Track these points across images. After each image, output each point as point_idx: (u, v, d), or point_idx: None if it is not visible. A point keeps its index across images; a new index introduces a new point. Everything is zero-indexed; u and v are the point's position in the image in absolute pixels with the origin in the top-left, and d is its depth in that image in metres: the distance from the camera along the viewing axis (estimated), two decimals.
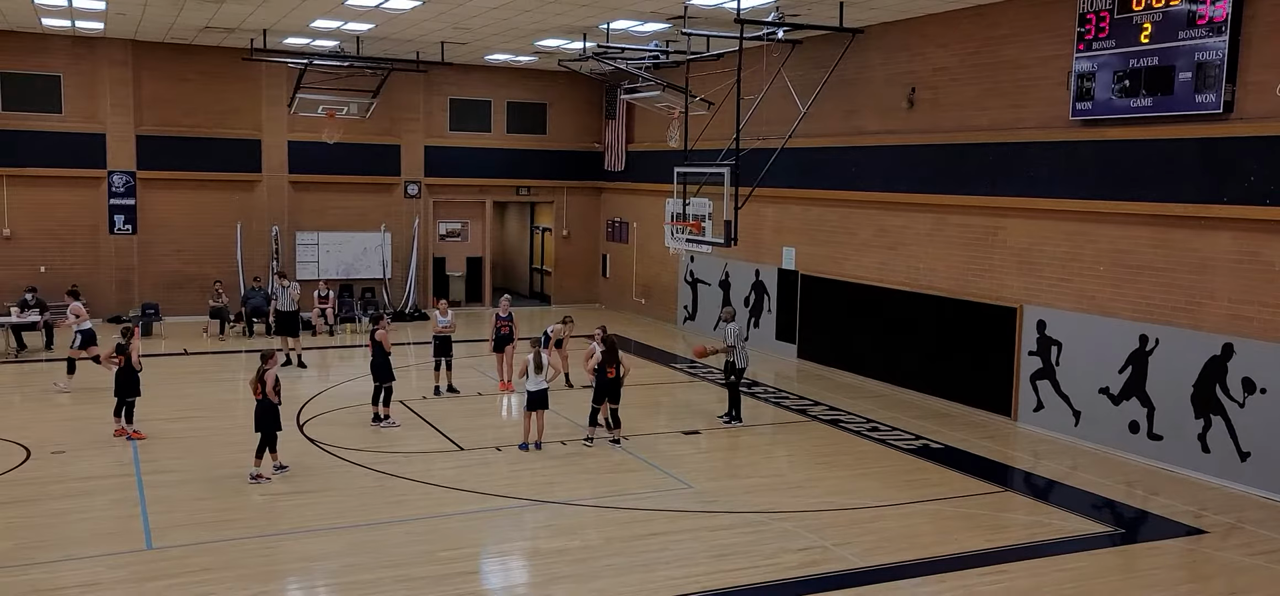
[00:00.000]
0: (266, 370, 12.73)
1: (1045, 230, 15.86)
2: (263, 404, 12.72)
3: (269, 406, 12.72)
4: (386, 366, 15.37)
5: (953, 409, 17.30)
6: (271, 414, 12.77)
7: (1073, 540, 11.26)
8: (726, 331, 16.00)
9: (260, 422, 12.75)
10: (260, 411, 12.74)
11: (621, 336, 23.78)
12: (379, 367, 15.39)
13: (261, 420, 12.75)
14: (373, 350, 15.49)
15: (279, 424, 12.92)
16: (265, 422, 12.75)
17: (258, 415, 12.76)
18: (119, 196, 24.89)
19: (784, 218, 21.95)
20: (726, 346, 15.95)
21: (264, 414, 12.74)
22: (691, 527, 11.44)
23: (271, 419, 12.78)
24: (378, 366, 15.40)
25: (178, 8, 19.33)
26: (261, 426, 12.75)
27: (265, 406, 12.72)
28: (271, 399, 12.71)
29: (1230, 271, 13.29)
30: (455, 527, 11.35)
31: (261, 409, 12.73)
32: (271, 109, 26.01)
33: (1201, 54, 13.31)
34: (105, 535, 10.88)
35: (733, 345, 15.86)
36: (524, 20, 19.39)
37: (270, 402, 12.72)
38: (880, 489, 12.98)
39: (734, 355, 15.88)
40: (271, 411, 12.76)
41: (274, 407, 12.77)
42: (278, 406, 12.84)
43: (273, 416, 12.79)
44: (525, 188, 29.45)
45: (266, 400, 12.70)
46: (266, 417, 12.75)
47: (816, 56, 19.75)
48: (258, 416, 12.76)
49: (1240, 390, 13.07)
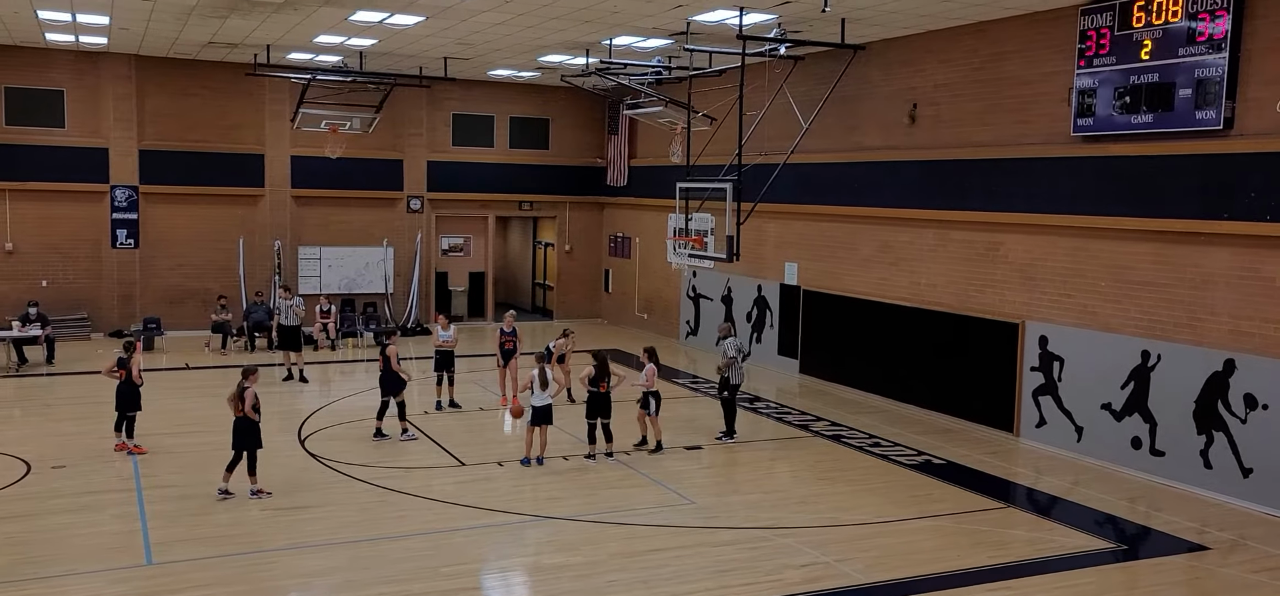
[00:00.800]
0: (247, 387, 12.50)
1: (1047, 246, 15.87)
2: (242, 421, 12.47)
3: (249, 424, 12.47)
4: (395, 380, 15.43)
5: (955, 424, 17.27)
6: (252, 432, 12.51)
7: (1075, 556, 11.23)
8: (725, 347, 16.03)
9: (239, 440, 12.49)
10: (239, 429, 12.50)
11: (624, 351, 23.80)
12: (388, 382, 15.44)
13: (240, 438, 12.49)
14: (382, 364, 15.55)
15: (259, 441, 12.64)
16: (246, 441, 12.49)
17: (236, 432, 12.51)
18: (121, 211, 24.94)
19: (786, 233, 21.97)
20: (724, 361, 15.95)
21: (244, 432, 12.48)
22: (693, 543, 11.41)
23: (252, 437, 12.52)
24: (387, 381, 15.47)
25: (181, 23, 19.41)
26: (240, 445, 12.49)
27: (244, 424, 12.47)
28: (251, 416, 12.45)
29: (1231, 287, 13.29)
30: (457, 543, 11.33)
31: (240, 426, 12.49)
32: (274, 124, 26.08)
33: (1202, 71, 13.34)
34: (105, 550, 10.87)
35: (731, 360, 15.84)
36: (527, 36, 19.46)
37: (250, 420, 12.46)
38: (882, 505, 12.95)
39: (729, 371, 15.88)
40: (252, 429, 12.50)
41: (254, 425, 12.51)
42: (257, 424, 12.57)
43: (253, 434, 12.53)
44: (528, 202, 29.50)
45: (246, 418, 12.45)
46: (246, 435, 12.49)
47: (818, 73, 19.80)
48: (236, 433, 12.50)
49: (1242, 406, 13.05)
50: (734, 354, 15.88)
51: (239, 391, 12.48)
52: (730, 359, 15.91)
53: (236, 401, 12.47)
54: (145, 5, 17.66)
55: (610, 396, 14.71)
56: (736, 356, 15.92)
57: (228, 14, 18.17)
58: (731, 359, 15.91)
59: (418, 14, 17.43)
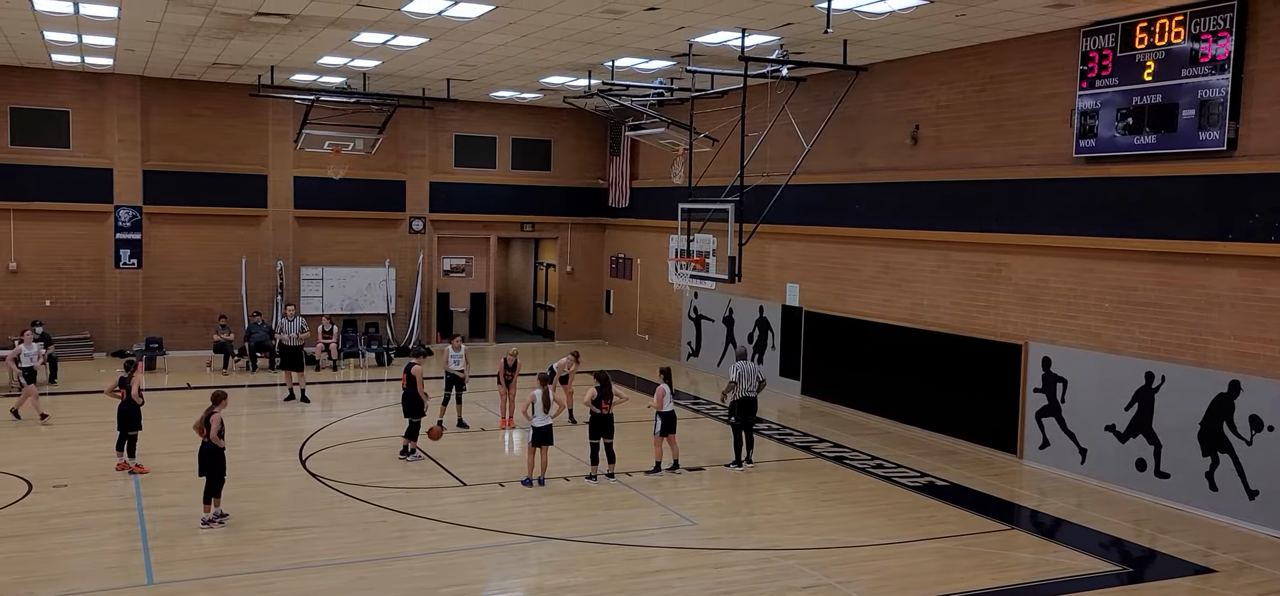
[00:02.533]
0: (215, 411, 12.24)
1: (1050, 267, 15.86)
2: (207, 447, 12.20)
3: (214, 450, 12.20)
4: (417, 402, 15.46)
5: (958, 446, 17.22)
6: (216, 458, 12.24)
7: (1080, 579, 11.17)
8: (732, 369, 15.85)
9: (204, 466, 12.24)
10: (204, 455, 12.24)
11: (626, 372, 23.77)
12: (411, 402, 15.49)
13: (205, 464, 12.24)
14: (407, 384, 15.54)
15: (223, 468, 12.31)
16: (210, 467, 12.22)
17: (202, 458, 12.26)
18: (125, 231, 24.98)
19: (788, 254, 21.97)
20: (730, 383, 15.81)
21: (208, 458, 12.23)
22: (695, 565, 11.36)
23: (216, 463, 12.25)
24: (410, 401, 15.51)
25: (186, 44, 19.49)
26: (205, 470, 12.23)
27: (209, 450, 12.20)
28: (216, 442, 12.16)
29: (1235, 308, 13.27)
30: (459, 563, 11.28)
31: (205, 452, 12.23)
32: (278, 144, 26.14)
33: (1204, 91, 13.35)
34: (106, 569, 10.83)
35: (735, 382, 15.68)
36: (529, 58, 19.52)
37: (216, 447, 12.18)
38: (885, 527, 12.89)
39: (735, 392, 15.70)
40: (216, 455, 12.23)
41: (219, 452, 12.24)
42: (222, 451, 12.29)
43: (217, 461, 12.26)
44: (529, 223, 29.52)
45: (210, 443, 12.17)
46: (211, 462, 12.22)
47: (820, 94, 19.84)
48: (202, 459, 12.26)
49: (1248, 428, 13.00)
50: (735, 377, 15.63)
51: (206, 416, 12.22)
52: (731, 382, 15.72)
53: (201, 427, 12.20)
54: (150, 27, 17.73)
55: (613, 417, 14.67)
56: (736, 380, 15.59)
57: (232, 35, 18.25)
58: (732, 382, 15.68)
59: (421, 36, 17.50)
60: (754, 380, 15.62)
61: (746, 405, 15.59)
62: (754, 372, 15.70)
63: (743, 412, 15.62)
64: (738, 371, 15.60)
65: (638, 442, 15.94)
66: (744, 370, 15.62)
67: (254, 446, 16.65)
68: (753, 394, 15.59)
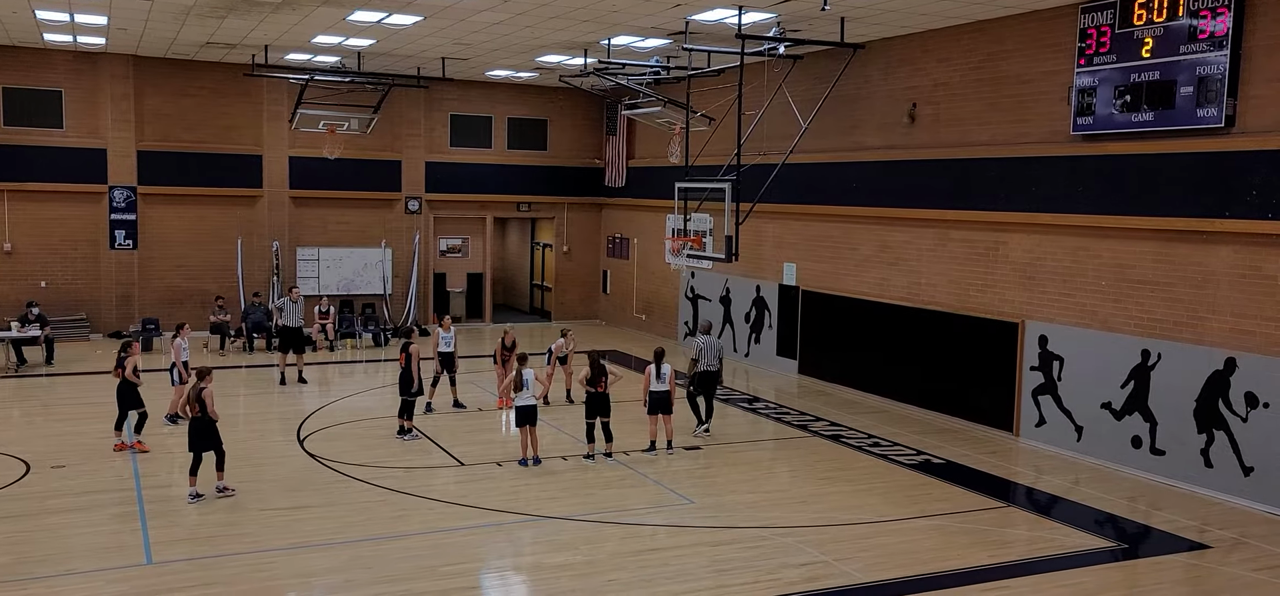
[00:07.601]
0: (203, 387, 12.30)
1: (1047, 245, 15.86)
2: (198, 422, 12.27)
3: (207, 424, 12.28)
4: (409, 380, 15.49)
5: (954, 424, 17.26)
6: (209, 432, 12.33)
7: (1075, 555, 11.21)
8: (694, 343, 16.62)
9: (197, 441, 12.31)
10: (195, 429, 12.31)
11: (622, 353, 23.78)
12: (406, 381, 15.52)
13: (198, 439, 12.31)
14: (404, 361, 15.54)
15: (220, 439, 12.47)
16: (205, 441, 12.31)
17: (193, 433, 12.33)
18: (120, 211, 24.90)
19: (785, 233, 21.95)
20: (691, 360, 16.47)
21: (201, 432, 12.29)
22: (693, 543, 11.39)
23: (210, 436, 12.35)
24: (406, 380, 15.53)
25: (179, 23, 19.38)
26: (197, 446, 12.31)
27: (202, 424, 12.27)
28: (212, 414, 12.28)
29: (1232, 286, 13.28)
30: (456, 543, 11.31)
31: (196, 427, 12.30)
32: (272, 124, 26.05)
33: (1203, 68, 13.33)
34: (105, 550, 10.84)
35: (695, 359, 16.30)
36: (525, 36, 19.44)
37: (208, 420, 12.27)
38: (882, 504, 12.93)
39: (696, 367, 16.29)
40: (209, 429, 12.32)
41: (212, 424, 12.33)
42: (215, 423, 12.38)
43: (211, 434, 12.36)
44: (526, 203, 29.47)
45: (202, 418, 12.25)
46: (205, 436, 12.31)
47: (817, 72, 19.79)
48: (193, 434, 12.33)
49: (1243, 405, 13.03)
50: (695, 354, 16.34)
51: (196, 393, 12.28)
52: (692, 359, 16.41)
53: (193, 403, 12.27)
54: (143, 5, 17.63)
55: (609, 396, 14.69)
56: (696, 357, 16.31)
57: (226, 14, 18.15)
58: (692, 359, 16.39)
59: (416, 14, 17.41)
60: (715, 356, 16.40)
61: (707, 378, 16.32)
62: (716, 348, 16.50)
63: (703, 385, 16.34)
64: (699, 347, 16.38)
65: (635, 422, 15.96)
66: (706, 344, 16.40)
67: (252, 427, 16.66)
68: (714, 367, 16.39)
